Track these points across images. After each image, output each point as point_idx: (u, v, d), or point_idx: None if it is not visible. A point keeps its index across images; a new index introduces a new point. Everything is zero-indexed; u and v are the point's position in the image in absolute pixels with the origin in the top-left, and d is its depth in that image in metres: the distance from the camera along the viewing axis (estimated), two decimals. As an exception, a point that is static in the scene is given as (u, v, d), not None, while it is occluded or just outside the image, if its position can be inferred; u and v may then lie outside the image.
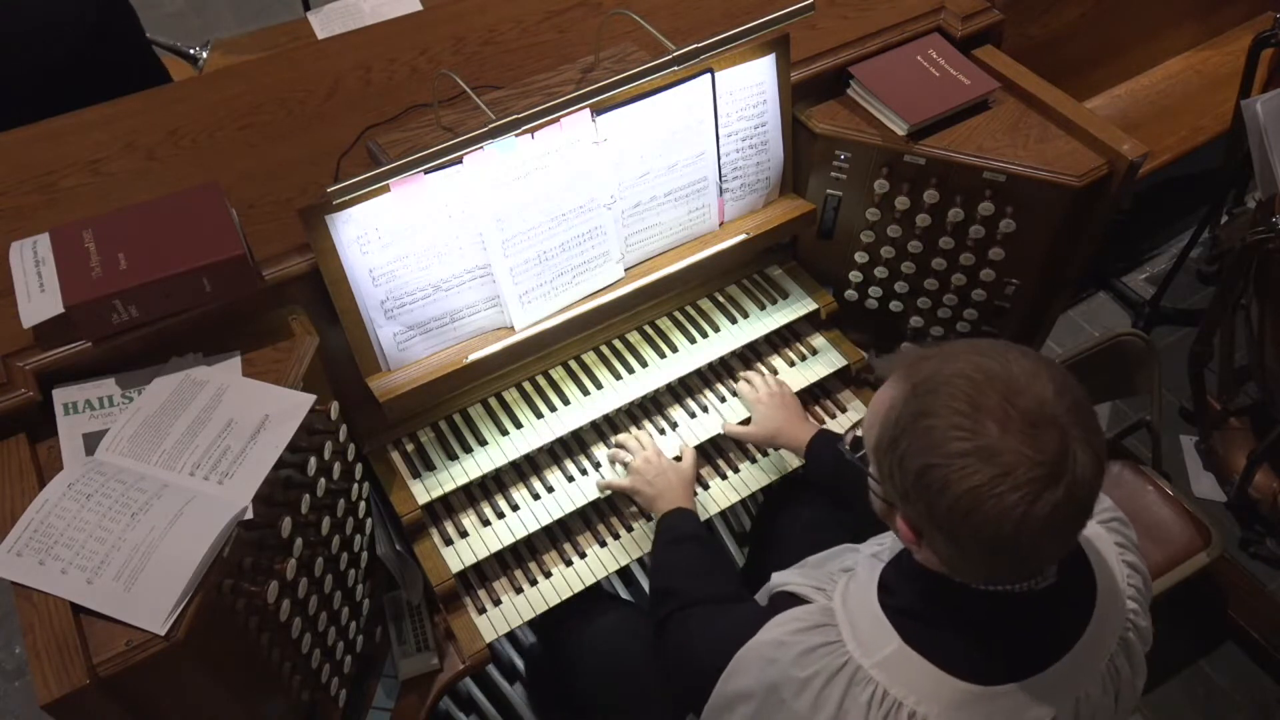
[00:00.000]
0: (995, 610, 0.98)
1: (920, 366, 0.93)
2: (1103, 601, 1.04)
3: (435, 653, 1.49)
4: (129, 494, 1.09)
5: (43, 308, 1.21)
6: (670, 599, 1.33)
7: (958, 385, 0.89)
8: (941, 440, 0.87)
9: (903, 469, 0.91)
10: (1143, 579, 1.11)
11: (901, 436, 0.91)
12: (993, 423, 0.86)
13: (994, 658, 0.99)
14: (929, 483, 0.88)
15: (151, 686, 1.04)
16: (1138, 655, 1.08)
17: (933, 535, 0.93)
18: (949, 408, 0.88)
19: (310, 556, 1.27)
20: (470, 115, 1.50)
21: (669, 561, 1.43)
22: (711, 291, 1.82)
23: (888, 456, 0.93)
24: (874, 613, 1.03)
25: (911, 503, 0.92)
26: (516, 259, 1.49)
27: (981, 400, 0.87)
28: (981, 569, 0.96)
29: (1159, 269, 3.03)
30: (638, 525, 1.63)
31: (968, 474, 0.86)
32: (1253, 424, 2.45)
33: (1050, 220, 1.62)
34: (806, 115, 1.68)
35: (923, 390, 0.91)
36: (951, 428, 0.87)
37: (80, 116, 1.60)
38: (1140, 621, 1.08)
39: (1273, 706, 2.23)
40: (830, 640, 1.02)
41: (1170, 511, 1.98)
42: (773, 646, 1.05)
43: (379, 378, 1.47)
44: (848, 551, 1.21)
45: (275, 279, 1.35)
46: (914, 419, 0.90)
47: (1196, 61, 2.87)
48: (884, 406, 0.95)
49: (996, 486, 0.85)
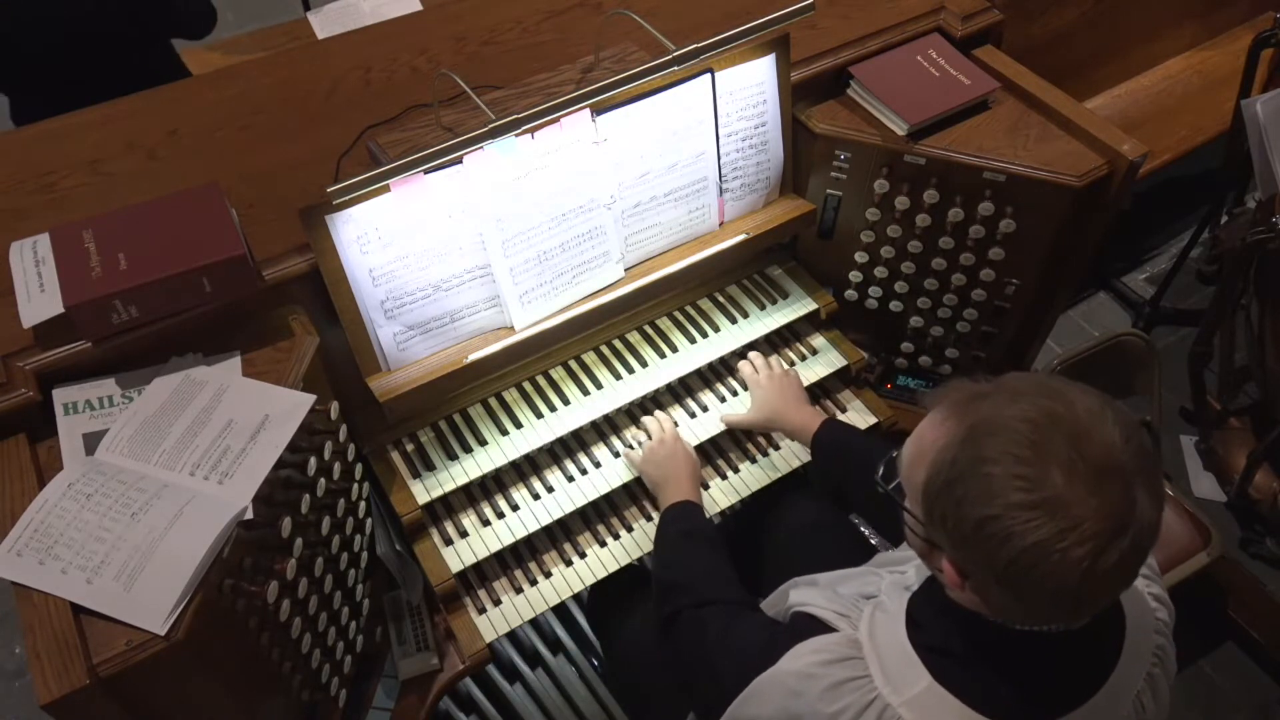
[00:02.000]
0: (1029, 650, 0.95)
1: (977, 406, 0.88)
2: (1131, 638, 1.02)
3: (435, 653, 1.49)
4: (129, 494, 1.09)
5: (43, 308, 1.21)
6: (682, 593, 1.30)
7: (1019, 429, 0.84)
8: (1002, 490, 0.83)
9: (959, 517, 0.86)
10: (1168, 611, 1.09)
11: (957, 482, 0.86)
12: (1058, 471, 0.82)
13: (1026, 698, 0.96)
14: (990, 534, 0.84)
15: (151, 686, 1.04)
16: (1163, 690, 1.06)
17: (985, 582, 0.89)
18: (1010, 455, 0.83)
19: (310, 556, 1.27)
20: (470, 115, 1.50)
21: (681, 555, 1.40)
22: (711, 291, 1.82)
23: (939, 501, 0.88)
24: (903, 648, 1.00)
25: (963, 550, 0.88)
26: (516, 259, 1.49)
27: (1046, 446, 0.83)
28: (1032, 616, 0.93)
29: (1159, 269, 3.03)
30: (638, 525, 1.63)
31: (1032, 527, 0.82)
32: (1253, 424, 2.44)
33: (1050, 220, 1.62)
34: (806, 115, 1.68)
35: (981, 432, 0.86)
36: (1014, 476, 0.83)
37: (80, 116, 1.60)
38: (1165, 657, 1.06)
39: (1273, 706, 2.23)
40: (858, 675, 0.99)
41: (1170, 511, 1.98)
42: (798, 678, 1.01)
43: (379, 378, 1.47)
44: (868, 574, 1.18)
45: (275, 279, 1.35)
46: (972, 464, 0.85)
47: (1196, 61, 2.87)
48: (934, 446, 0.90)
49: (1063, 540, 0.81)
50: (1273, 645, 2.25)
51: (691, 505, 1.48)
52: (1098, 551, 0.82)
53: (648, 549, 1.60)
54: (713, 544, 1.41)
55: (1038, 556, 0.82)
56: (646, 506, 1.65)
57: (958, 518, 0.86)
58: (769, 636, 1.09)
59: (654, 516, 1.63)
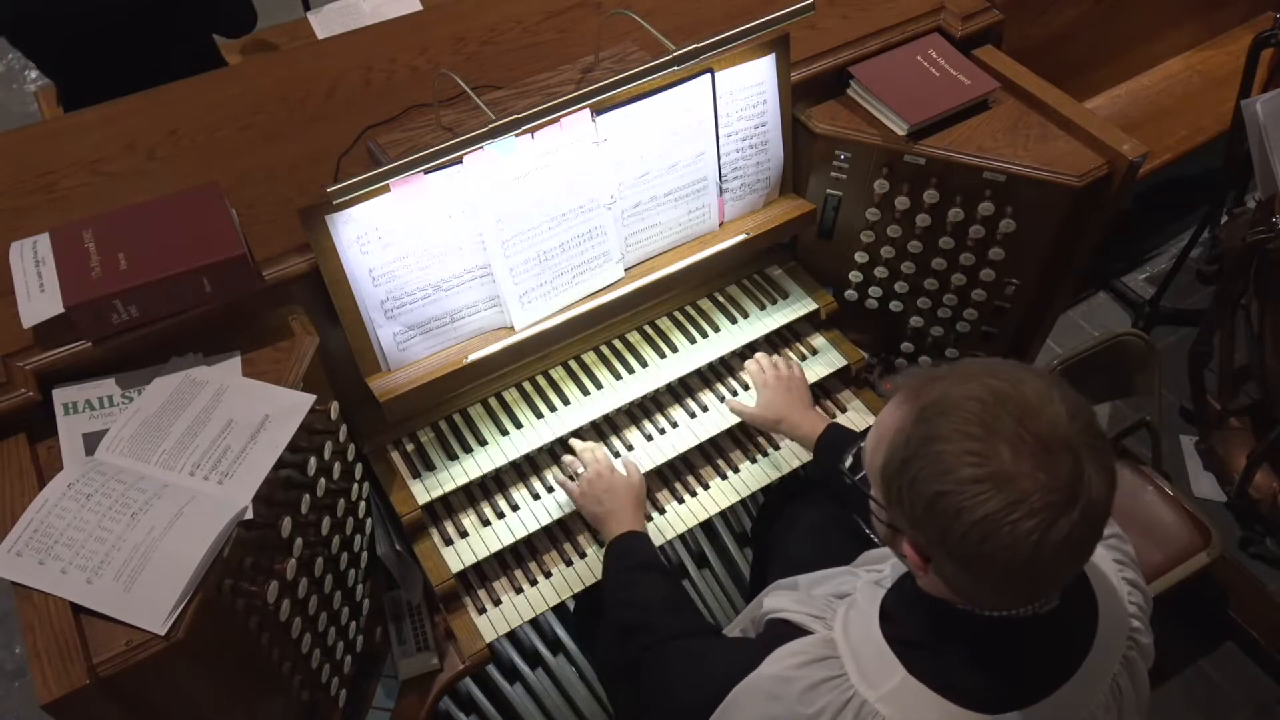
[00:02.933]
0: (1000, 636, 0.96)
1: (929, 388, 0.91)
2: (1105, 621, 1.03)
3: (435, 653, 1.49)
4: (129, 494, 1.09)
5: (43, 308, 1.21)
6: (641, 635, 1.28)
7: (969, 408, 0.87)
8: (953, 465, 0.86)
9: (913, 495, 0.89)
10: (1143, 595, 1.10)
11: (912, 461, 0.89)
12: (1005, 447, 0.84)
13: (1000, 685, 0.97)
14: (941, 510, 0.86)
15: (151, 686, 1.04)
16: (1141, 673, 1.07)
17: (943, 562, 0.91)
18: (960, 431, 0.86)
19: (310, 556, 1.27)
20: (470, 115, 1.50)
21: (633, 594, 1.36)
22: (711, 291, 1.82)
23: (896, 481, 0.91)
24: (877, 643, 1.01)
25: (922, 529, 0.90)
26: (516, 259, 1.49)
27: (994, 423, 0.85)
28: (992, 595, 0.94)
29: (1159, 269, 3.03)
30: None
31: (981, 501, 0.84)
32: (1253, 424, 2.44)
33: (1050, 220, 1.62)
34: (806, 115, 1.68)
35: (932, 413, 0.89)
36: (964, 452, 0.85)
37: (80, 116, 1.60)
38: (1142, 639, 1.07)
39: (1273, 706, 2.23)
40: (835, 674, 1.00)
41: (1170, 511, 1.98)
42: (775, 682, 1.02)
43: (379, 378, 1.47)
44: (845, 575, 1.19)
45: (275, 279, 1.35)
46: (924, 443, 0.88)
47: (1196, 61, 2.87)
48: (890, 429, 0.92)
49: (1011, 514, 0.83)
50: (1273, 645, 2.24)
51: (635, 536, 1.44)
52: (1046, 524, 0.83)
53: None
54: (663, 573, 1.39)
55: (988, 529, 0.84)
56: (646, 506, 1.64)
57: (912, 496, 0.89)
58: (743, 652, 1.08)
59: (653, 517, 1.63)
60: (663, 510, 1.64)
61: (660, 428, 1.69)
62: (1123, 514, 1.99)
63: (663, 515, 1.64)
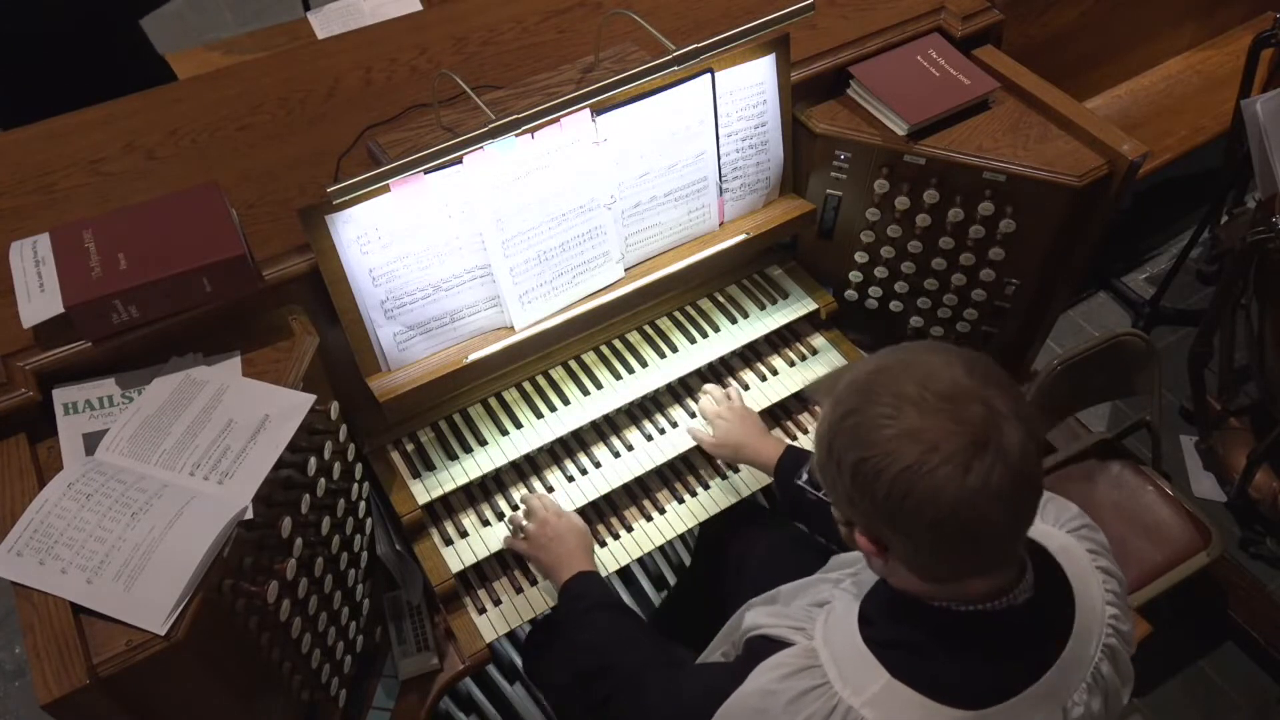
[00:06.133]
0: (977, 631, 0.97)
1: (840, 378, 0.98)
2: (1081, 611, 1.03)
3: (435, 653, 1.49)
4: (129, 494, 1.09)
5: (43, 308, 1.21)
6: (605, 678, 1.27)
7: (876, 379, 0.93)
8: (868, 431, 0.90)
9: (839, 470, 0.93)
10: (1118, 583, 1.11)
11: (835, 440, 0.93)
12: (911, 407, 0.89)
13: (982, 680, 0.98)
14: (865, 474, 0.90)
15: (151, 686, 1.04)
16: (1123, 660, 1.08)
17: (888, 536, 0.94)
18: (870, 401, 0.91)
19: (310, 556, 1.27)
20: (470, 115, 1.50)
21: (589, 636, 1.35)
22: (711, 291, 1.82)
23: (828, 467, 0.95)
24: (857, 648, 1.01)
25: (856, 504, 0.93)
26: (516, 259, 1.49)
27: (899, 389, 0.90)
28: (944, 562, 0.95)
29: (1159, 269, 3.03)
30: (638, 525, 1.63)
31: (897, 457, 0.88)
32: (1253, 424, 2.45)
33: (1050, 220, 1.62)
34: (806, 115, 1.68)
35: (844, 393, 0.94)
36: (877, 418, 0.90)
37: (80, 116, 1.60)
38: (1122, 626, 1.08)
39: (1273, 706, 2.23)
40: (818, 683, 1.00)
41: (1170, 511, 1.98)
42: (760, 696, 1.02)
43: (379, 378, 1.47)
44: (821, 584, 1.19)
45: (275, 279, 1.35)
46: (841, 419, 0.93)
47: (1196, 61, 2.87)
48: (820, 428, 0.98)
49: (926, 463, 0.86)
50: (1273, 645, 2.25)
51: (587, 576, 1.43)
52: (963, 468, 0.86)
53: (648, 548, 1.60)
54: (621, 609, 1.38)
55: (909, 483, 0.87)
56: (647, 506, 1.65)
57: (840, 471, 0.93)
58: (722, 675, 1.07)
59: (653, 517, 1.63)
60: (663, 510, 1.64)
61: (660, 428, 1.69)
62: (1123, 514, 2.00)
63: (663, 515, 1.64)
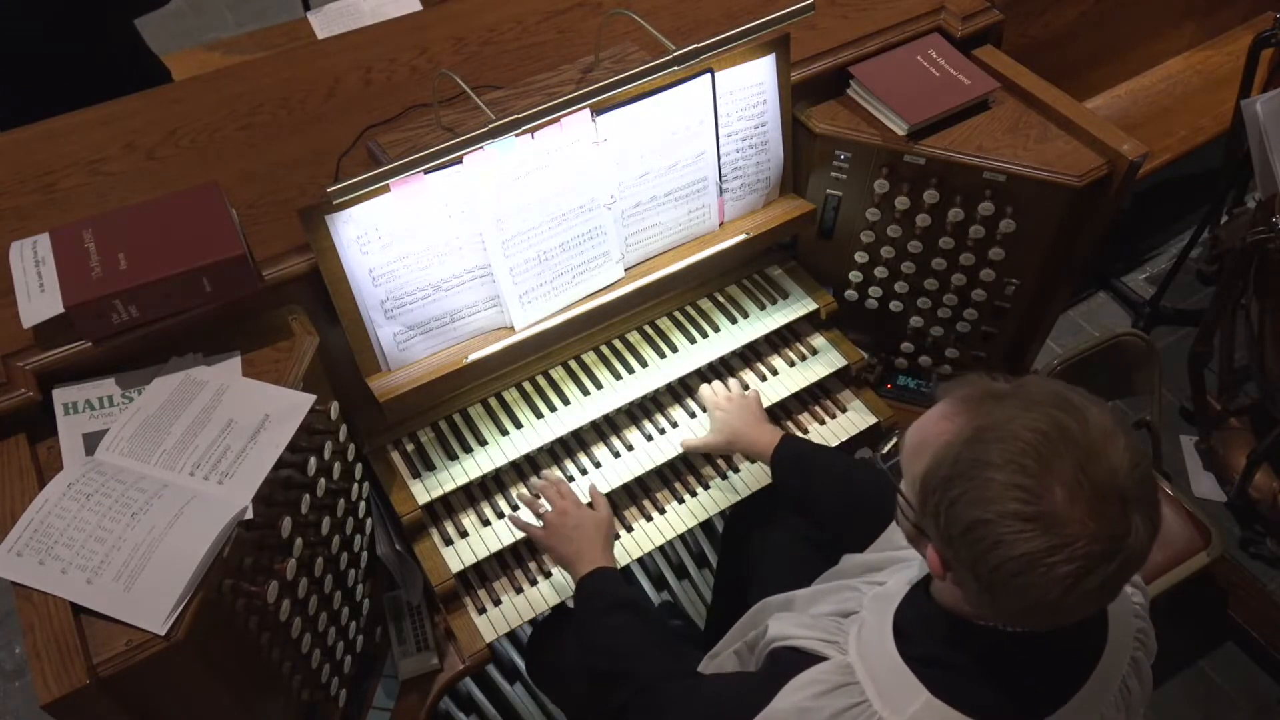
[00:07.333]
0: (1019, 651, 0.95)
1: (988, 407, 0.88)
2: (1114, 625, 1.02)
3: (435, 653, 1.49)
4: (129, 494, 1.09)
5: (43, 308, 1.21)
6: (624, 683, 1.23)
7: (1028, 439, 0.84)
8: (999, 496, 0.83)
9: (951, 515, 0.86)
10: (1143, 594, 1.11)
11: (956, 480, 0.86)
12: (1061, 489, 0.82)
13: (1021, 699, 0.96)
14: (979, 537, 0.84)
15: (151, 686, 1.04)
16: (1146, 671, 1.07)
17: (966, 579, 0.90)
18: (1014, 463, 0.83)
19: (310, 556, 1.27)
20: (470, 115, 1.50)
21: (606, 640, 1.30)
22: (711, 291, 1.82)
23: (936, 495, 0.88)
24: (895, 664, 0.98)
25: (953, 548, 0.88)
26: (516, 259, 1.49)
27: (1052, 461, 0.83)
28: (1008, 619, 0.93)
29: (1159, 269, 3.04)
30: (637, 526, 1.63)
31: (1024, 539, 0.82)
32: (1253, 424, 2.45)
33: (1050, 220, 1.62)
34: (806, 115, 1.68)
35: (990, 436, 0.86)
36: (1014, 485, 0.83)
37: (80, 116, 1.60)
38: (1147, 639, 1.08)
39: (1273, 706, 2.23)
40: (856, 701, 0.97)
41: (1170, 511, 1.98)
42: (796, 715, 0.99)
43: (379, 378, 1.47)
44: (843, 590, 1.16)
45: (275, 279, 1.35)
46: (973, 465, 0.85)
47: (1196, 61, 2.87)
48: (939, 439, 0.89)
49: (1052, 556, 0.82)
50: (1273, 645, 2.25)
51: (606, 574, 1.39)
52: (1085, 572, 0.82)
53: (648, 548, 1.60)
54: (640, 611, 1.34)
55: (1024, 566, 0.83)
56: (647, 506, 1.65)
57: (950, 515, 0.87)
58: (749, 687, 1.05)
59: (653, 517, 1.63)
60: (663, 510, 1.64)
61: (660, 428, 1.69)
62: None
63: (663, 515, 1.64)
